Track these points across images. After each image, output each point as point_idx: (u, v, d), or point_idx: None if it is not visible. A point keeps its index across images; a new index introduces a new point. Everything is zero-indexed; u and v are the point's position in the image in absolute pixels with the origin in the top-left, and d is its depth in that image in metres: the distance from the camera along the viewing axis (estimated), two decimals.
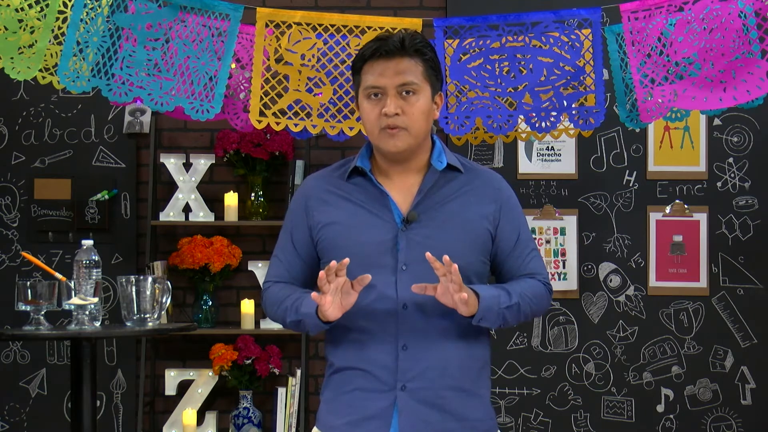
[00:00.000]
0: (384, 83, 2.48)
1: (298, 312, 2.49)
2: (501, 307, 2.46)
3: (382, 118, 2.47)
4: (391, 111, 2.46)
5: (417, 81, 2.49)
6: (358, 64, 2.53)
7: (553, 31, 3.75)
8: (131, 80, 3.60)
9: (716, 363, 4.80)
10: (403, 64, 2.48)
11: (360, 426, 2.49)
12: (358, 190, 2.55)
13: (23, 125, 4.87)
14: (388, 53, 2.48)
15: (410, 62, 2.49)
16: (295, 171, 4.74)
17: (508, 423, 4.80)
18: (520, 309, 2.50)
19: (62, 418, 4.81)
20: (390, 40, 2.49)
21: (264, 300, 2.62)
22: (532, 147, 4.84)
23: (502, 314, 2.47)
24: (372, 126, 2.50)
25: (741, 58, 3.48)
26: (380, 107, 2.48)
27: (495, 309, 2.46)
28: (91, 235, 4.67)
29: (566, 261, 4.81)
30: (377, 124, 2.49)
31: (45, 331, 3.36)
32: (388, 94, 2.47)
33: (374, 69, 2.49)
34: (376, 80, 2.48)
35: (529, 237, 2.61)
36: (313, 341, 4.84)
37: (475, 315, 2.44)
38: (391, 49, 2.48)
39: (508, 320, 2.50)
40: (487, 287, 2.49)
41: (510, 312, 2.48)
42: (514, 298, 2.49)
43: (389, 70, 2.48)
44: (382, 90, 2.48)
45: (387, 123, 2.47)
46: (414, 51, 2.49)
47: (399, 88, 2.47)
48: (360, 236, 2.49)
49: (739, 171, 4.83)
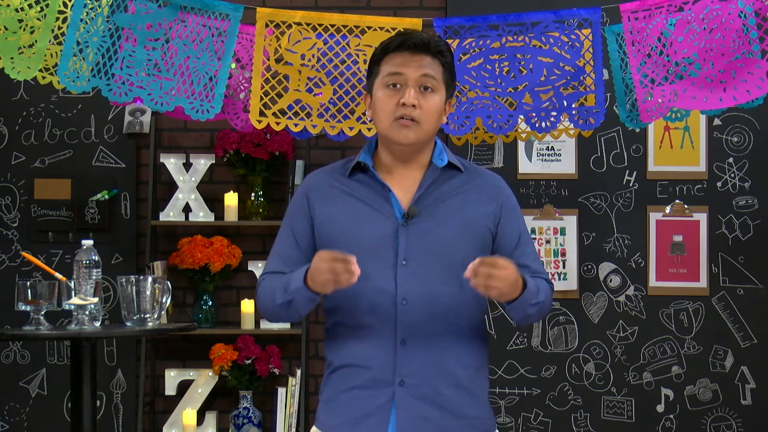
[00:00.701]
0: (407, 72, 2.50)
1: (287, 290, 2.46)
2: (531, 302, 2.47)
3: (399, 108, 2.49)
4: (410, 101, 2.48)
5: (437, 78, 2.52)
6: (379, 55, 2.55)
7: (553, 31, 3.75)
8: (131, 80, 3.60)
9: (716, 363, 4.80)
10: (425, 60, 2.51)
11: (358, 424, 2.49)
12: (360, 186, 2.56)
13: (23, 125, 4.87)
14: (414, 47, 2.51)
15: (432, 61, 2.52)
16: (295, 171, 4.74)
17: (508, 423, 4.80)
18: (541, 308, 2.52)
19: (62, 418, 4.81)
20: (417, 36, 2.53)
21: (257, 293, 2.60)
22: (532, 147, 4.84)
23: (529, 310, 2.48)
24: (386, 115, 2.52)
25: (741, 58, 3.48)
26: (398, 97, 2.50)
27: (527, 302, 2.46)
28: (91, 235, 4.67)
29: (566, 261, 4.81)
30: (392, 114, 2.50)
31: (45, 331, 3.36)
32: (409, 84, 2.50)
33: (397, 60, 2.52)
34: (399, 68, 2.50)
35: (528, 238, 2.63)
36: (313, 341, 4.84)
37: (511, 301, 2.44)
38: (417, 44, 2.51)
39: (530, 317, 2.51)
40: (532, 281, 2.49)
41: (534, 309, 2.49)
42: (541, 296, 2.50)
43: (413, 63, 2.51)
44: (403, 79, 2.50)
45: (403, 113, 2.49)
46: (437, 52, 2.53)
47: (420, 80, 2.50)
48: (360, 231, 2.50)
49: (739, 171, 4.83)
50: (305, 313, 2.53)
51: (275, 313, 2.55)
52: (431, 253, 2.47)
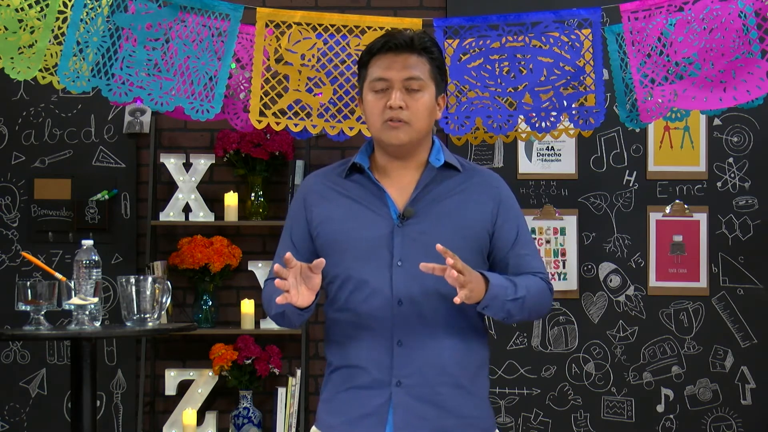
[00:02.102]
0: (391, 76, 2.50)
1: (279, 305, 2.47)
2: (507, 299, 2.45)
3: (386, 111, 2.50)
4: (396, 104, 2.49)
5: (423, 77, 2.52)
6: (365, 58, 2.56)
7: (553, 31, 3.75)
8: (131, 80, 3.60)
9: (716, 363, 4.80)
10: (410, 60, 2.51)
11: (357, 424, 2.50)
12: (356, 187, 2.57)
13: (23, 125, 4.87)
14: (396, 47, 2.51)
15: (418, 59, 2.52)
16: (295, 171, 4.74)
17: (508, 423, 4.80)
18: (524, 304, 2.49)
19: (62, 418, 4.81)
20: (399, 36, 2.52)
21: (262, 297, 2.66)
22: (532, 147, 4.84)
23: (507, 306, 2.46)
24: (375, 119, 2.52)
25: (741, 58, 3.48)
26: (385, 100, 2.51)
27: (501, 299, 2.44)
28: (91, 235, 4.67)
29: (566, 261, 4.81)
30: (381, 117, 2.51)
31: (45, 331, 3.36)
32: (394, 87, 2.50)
33: (382, 62, 2.52)
34: (383, 72, 2.51)
35: (528, 236, 2.62)
36: (313, 341, 4.84)
37: (480, 302, 2.42)
38: (399, 44, 2.51)
39: (512, 314, 2.48)
40: (497, 276, 2.48)
41: (515, 305, 2.47)
42: (521, 291, 2.48)
43: (397, 64, 2.51)
44: (388, 83, 2.51)
45: (390, 115, 2.49)
46: (422, 49, 2.53)
47: (405, 82, 2.50)
48: (356, 232, 2.51)
49: (739, 171, 4.83)
50: (299, 324, 2.55)
51: (275, 320, 2.59)
52: (427, 254, 2.45)
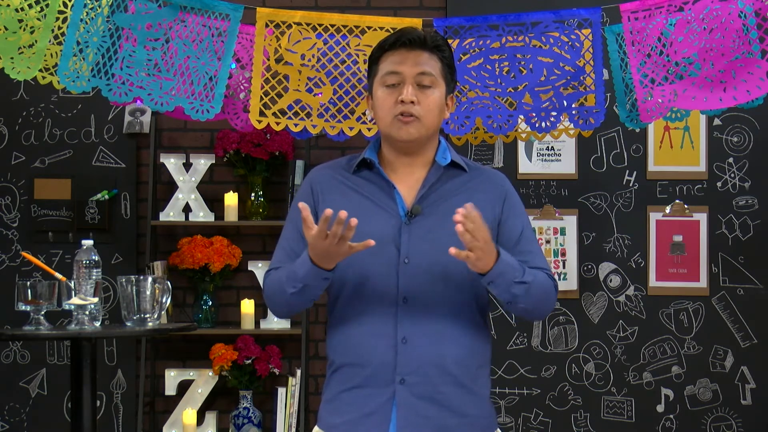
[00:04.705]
0: (403, 70, 2.52)
1: (297, 276, 2.44)
2: (514, 280, 2.43)
3: (398, 106, 2.51)
4: (408, 98, 2.49)
5: (435, 74, 2.53)
6: (377, 54, 2.57)
7: (553, 31, 3.75)
8: (131, 80, 3.60)
9: (716, 363, 4.80)
10: (423, 57, 2.53)
11: (359, 424, 2.49)
12: (365, 183, 2.58)
13: (23, 125, 4.87)
14: (410, 43, 2.53)
15: (430, 56, 2.54)
16: (295, 171, 4.74)
17: (508, 423, 4.80)
18: (530, 291, 2.46)
19: (62, 418, 4.81)
20: (412, 33, 2.54)
21: (265, 288, 2.59)
22: (532, 147, 4.84)
23: (514, 289, 2.44)
24: (386, 113, 2.53)
25: (741, 58, 3.48)
26: (396, 95, 2.51)
27: (508, 278, 2.43)
28: (91, 235, 4.67)
29: (566, 261, 4.81)
30: (391, 112, 2.52)
31: (45, 331, 3.36)
32: (406, 82, 2.51)
33: (394, 57, 2.53)
34: (396, 67, 2.52)
35: (532, 234, 2.62)
36: (313, 341, 4.84)
37: (486, 274, 2.41)
38: (413, 40, 2.53)
39: (517, 299, 2.46)
40: (509, 255, 2.46)
41: (520, 289, 2.45)
42: (528, 277, 2.47)
43: (409, 60, 2.52)
44: (400, 76, 2.52)
45: (402, 110, 2.50)
46: (434, 47, 2.55)
47: (417, 77, 2.51)
48: (364, 227, 2.48)
49: (739, 171, 4.83)
50: (317, 296, 2.50)
51: (287, 303, 2.52)
52: (433, 252, 2.47)
